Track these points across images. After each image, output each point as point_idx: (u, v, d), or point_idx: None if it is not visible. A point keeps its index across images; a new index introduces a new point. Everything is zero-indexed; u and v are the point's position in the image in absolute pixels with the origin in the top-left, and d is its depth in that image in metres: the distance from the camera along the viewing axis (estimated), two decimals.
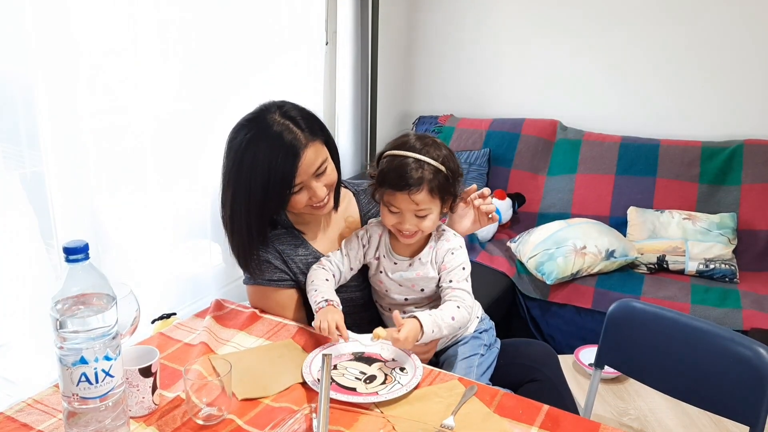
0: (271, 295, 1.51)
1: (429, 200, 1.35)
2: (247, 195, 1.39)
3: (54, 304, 0.94)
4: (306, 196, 1.41)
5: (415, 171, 1.33)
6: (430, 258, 1.44)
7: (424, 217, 1.37)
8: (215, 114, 2.34)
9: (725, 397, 1.40)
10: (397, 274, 1.45)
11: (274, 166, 1.35)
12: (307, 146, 1.36)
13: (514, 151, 3.19)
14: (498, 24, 3.37)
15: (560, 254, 2.54)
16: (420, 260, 1.44)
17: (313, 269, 1.47)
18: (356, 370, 1.25)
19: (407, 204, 1.34)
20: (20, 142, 1.79)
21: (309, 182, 1.39)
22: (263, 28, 2.53)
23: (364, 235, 1.50)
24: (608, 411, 1.87)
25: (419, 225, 1.37)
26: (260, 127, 1.38)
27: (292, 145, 1.35)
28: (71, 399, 0.97)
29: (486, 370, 1.48)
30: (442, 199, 1.38)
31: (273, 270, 1.49)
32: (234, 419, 1.10)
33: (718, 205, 2.81)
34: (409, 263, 1.45)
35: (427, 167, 1.34)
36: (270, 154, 1.35)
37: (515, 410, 1.14)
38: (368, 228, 1.52)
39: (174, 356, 1.30)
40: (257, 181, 1.37)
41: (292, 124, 1.37)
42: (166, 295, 2.30)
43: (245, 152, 1.38)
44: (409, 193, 1.33)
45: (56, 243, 1.84)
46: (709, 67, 2.97)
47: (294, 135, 1.36)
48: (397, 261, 1.46)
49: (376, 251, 1.48)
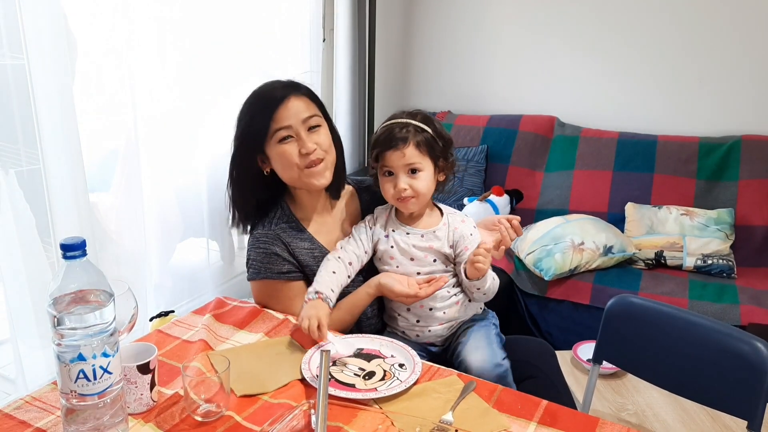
0: (280, 289, 1.50)
1: (417, 155, 1.45)
2: (241, 140, 1.48)
3: (51, 301, 0.94)
4: (296, 148, 1.44)
5: (400, 130, 1.46)
6: (445, 234, 1.51)
7: (417, 175, 1.46)
8: (212, 111, 2.34)
9: (723, 392, 1.41)
10: (410, 244, 1.50)
11: (261, 102, 1.46)
12: (296, 92, 1.46)
13: (511, 147, 3.19)
14: (495, 20, 3.36)
15: (558, 250, 2.54)
16: (434, 233, 1.51)
17: (326, 259, 1.50)
18: (355, 367, 1.25)
19: (397, 160, 1.45)
20: (17, 140, 1.79)
21: (298, 131, 1.44)
22: (260, 26, 2.52)
23: (370, 219, 1.57)
24: (606, 406, 1.87)
25: (413, 185, 1.46)
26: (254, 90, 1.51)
27: (281, 86, 1.47)
28: (69, 396, 0.97)
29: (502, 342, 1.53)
30: (432, 157, 1.47)
31: (282, 262, 1.49)
32: (233, 416, 1.10)
33: (716, 200, 2.81)
34: (422, 234, 1.51)
35: (411, 127, 1.47)
36: (261, 94, 1.48)
37: (514, 405, 1.14)
38: (375, 211, 1.59)
39: (172, 353, 1.30)
40: (248, 119, 1.47)
41: (288, 84, 1.49)
42: (164, 292, 2.30)
43: (243, 108, 1.49)
44: (397, 148, 1.45)
45: (53, 240, 1.83)
46: (707, 62, 2.97)
47: (285, 83, 1.49)
48: (409, 231, 1.52)
49: (385, 227, 1.54)
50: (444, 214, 1.56)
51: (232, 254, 2.68)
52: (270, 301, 1.51)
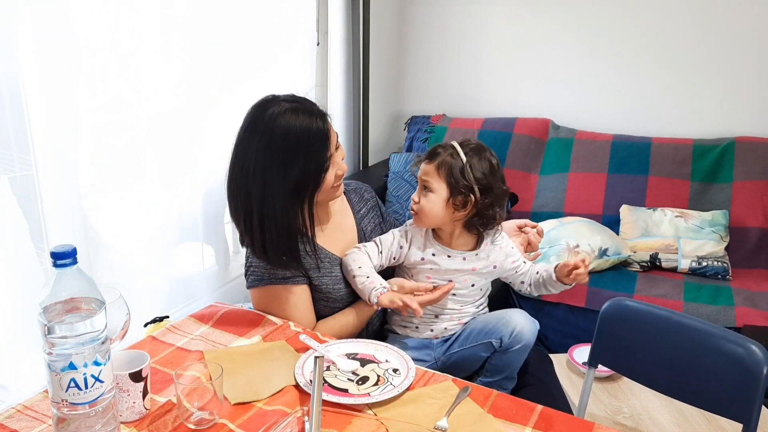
0: (283, 295, 1.47)
1: (433, 174, 1.45)
2: (283, 171, 1.33)
3: (42, 309, 0.93)
4: (333, 171, 1.41)
5: (439, 147, 1.47)
6: (487, 254, 1.52)
7: (427, 194, 1.46)
8: (206, 117, 2.33)
9: (718, 395, 1.41)
10: (451, 269, 1.50)
11: (312, 129, 1.34)
12: (325, 118, 1.40)
13: (506, 150, 3.19)
14: (490, 23, 3.37)
15: (553, 253, 2.54)
16: (476, 255, 1.51)
17: (357, 252, 1.50)
18: (348, 371, 1.24)
19: (420, 172, 1.47)
20: (9, 146, 1.78)
21: (334, 155, 1.41)
22: (254, 30, 2.51)
23: (403, 237, 1.54)
24: (602, 410, 1.87)
25: (421, 201, 1.46)
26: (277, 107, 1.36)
27: (318, 110, 1.38)
28: (60, 405, 0.96)
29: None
30: (449, 184, 1.44)
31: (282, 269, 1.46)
32: (226, 423, 1.09)
33: (710, 202, 2.81)
34: (464, 257, 1.51)
35: (452, 151, 1.45)
36: (304, 120, 1.34)
37: (509, 411, 1.14)
38: (408, 229, 1.56)
39: (166, 360, 1.29)
40: (294, 149, 1.33)
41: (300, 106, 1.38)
42: (158, 297, 2.29)
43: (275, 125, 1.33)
44: (423, 161, 1.47)
45: (46, 247, 1.82)
46: (701, 64, 2.98)
47: (314, 105, 1.40)
48: (451, 254, 1.51)
49: (423, 248, 1.52)
50: (485, 235, 1.54)
51: (227, 259, 2.67)
52: (272, 308, 1.48)
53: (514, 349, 1.45)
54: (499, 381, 1.48)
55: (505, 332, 1.44)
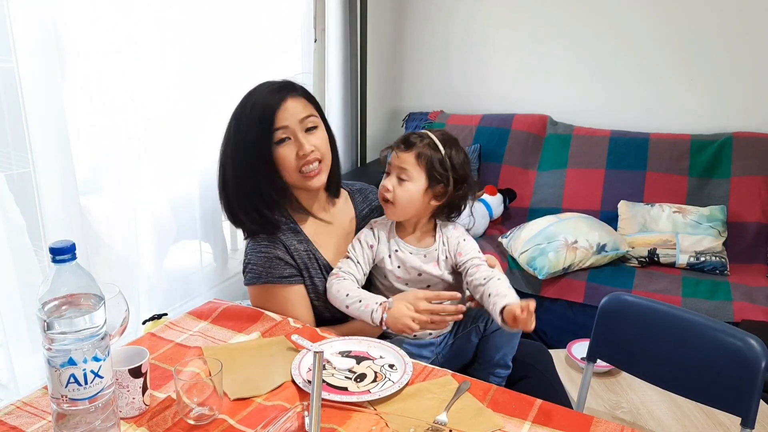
0: (280, 294, 1.47)
1: (414, 164, 1.44)
2: (236, 144, 1.43)
3: (41, 305, 0.93)
4: (293, 150, 1.42)
5: (414, 137, 1.46)
6: (441, 247, 1.50)
7: (403, 183, 1.44)
8: (204, 114, 2.33)
9: (717, 389, 1.41)
10: (415, 264, 1.48)
11: (258, 110, 1.40)
12: (293, 93, 1.42)
13: (504, 146, 3.19)
14: (487, 19, 3.36)
15: (551, 249, 2.54)
16: (435, 253, 1.49)
17: (336, 281, 1.47)
18: (345, 369, 1.24)
19: (394, 160, 1.46)
20: (7, 143, 1.78)
21: (295, 131, 1.42)
22: (251, 27, 2.51)
23: (369, 235, 1.53)
24: (601, 404, 1.88)
25: (395, 188, 1.44)
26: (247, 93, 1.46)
27: (277, 89, 1.42)
28: (60, 401, 0.96)
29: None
30: (429, 175, 1.44)
31: (283, 266, 1.47)
32: (226, 419, 1.09)
33: (708, 197, 2.82)
34: (424, 254, 1.49)
35: (427, 139, 1.45)
36: (257, 100, 1.42)
37: (508, 405, 1.14)
38: (374, 227, 1.54)
39: (165, 356, 1.29)
40: (245, 121, 1.41)
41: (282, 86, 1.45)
42: (156, 294, 2.29)
43: (237, 111, 1.44)
44: (399, 149, 1.45)
45: (44, 244, 1.82)
46: (698, 60, 2.98)
47: (280, 84, 1.45)
48: (411, 251, 1.50)
49: (388, 245, 1.51)
50: (437, 227, 1.53)
51: (225, 256, 2.68)
52: (269, 306, 1.49)
53: (497, 331, 1.45)
54: (492, 369, 1.48)
55: (488, 316, 1.44)
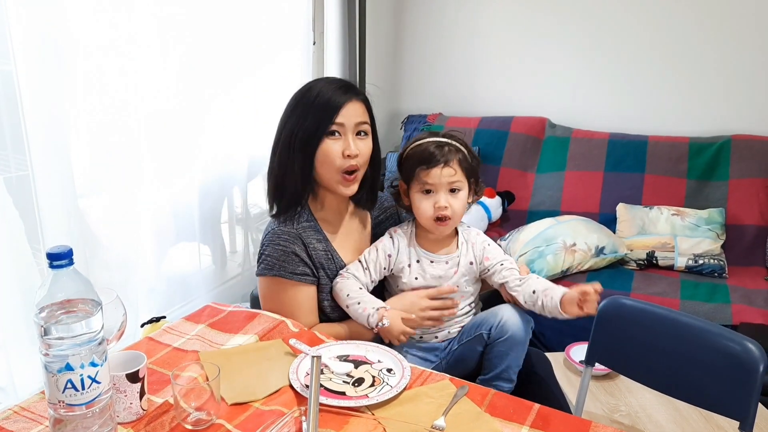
0: (289, 290, 1.47)
1: (460, 173, 1.45)
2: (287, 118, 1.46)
3: (38, 310, 0.93)
4: (340, 147, 1.43)
5: (441, 148, 1.45)
6: (467, 252, 1.51)
7: (456, 195, 1.45)
8: (203, 117, 2.33)
9: (715, 393, 1.41)
10: (436, 276, 1.49)
11: (321, 102, 1.43)
12: (356, 96, 1.46)
13: (503, 149, 3.20)
14: (486, 22, 3.37)
15: (550, 252, 2.54)
16: (458, 258, 1.50)
17: (341, 280, 1.49)
18: (343, 374, 1.24)
19: (441, 177, 1.43)
20: (5, 146, 1.78)
21: (347, 132, 1.44)
22: (251, 29, 2.51)
23: (388, 244, 1.52)
24: (599, 408, 1.87)
25: (452, 204, 1.44)
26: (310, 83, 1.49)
27: (344, 87, 1.46)
28: (57, 406, 0.96)
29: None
30: (468, 178, 1.47)
31: (298, 263, 1.46)
32: (223, 424, 1.09)
33: (707, 200, 2.82)
34: (446, 261, 1.50)
35: (450, 145, 1.46)
36: (321, 89, 1.45)
37: (506, 410, 1.14)
38: (393, 235, 1.54)
39: (163, 361, 1.29)
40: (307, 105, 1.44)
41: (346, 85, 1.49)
42: (155, 297, 2.29)
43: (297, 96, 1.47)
44: (444, 165, 1.43)
45: (43, 247, 1.82)
46: (697, 62, 2.98)
47: (346, 84, 1.48)
48: (433, 260, 1.50)
49: (408, 257, 1.50)
50: (458, 231, 1.54)
51: (224, 258, 2.67)
52: (276, 299, 1.48)
53: (501, 339, 1.44)
54: (494, 380, 1.47)
55: (493, 323, 1.45)
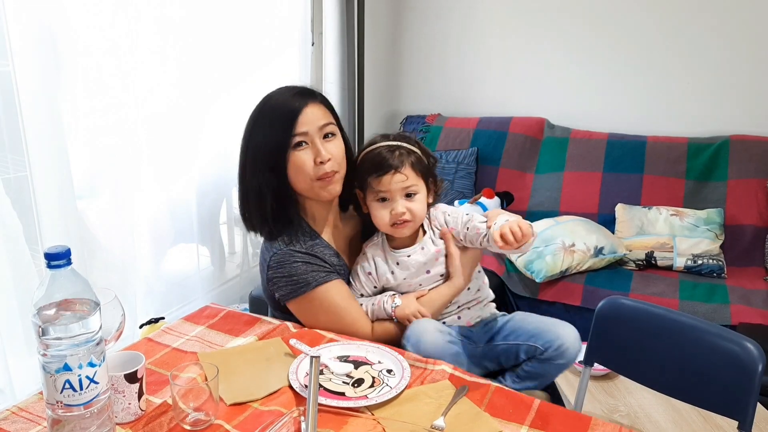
0: (333, 291, 1.42)
1: (414, 176, 1.42)
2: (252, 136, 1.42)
3: (36, 311, 0.93)
4: (311, 155, 1.40)
5: (392, 153, 1.42)
6: (430, 232, 1.49)
7: (412, 198, 1.42)
8: (201, 118, 2.33)
9: (714, 393, 1.41)
10: (418, 263, 1.47)
11: (278, 113, 1.39)
12: (312, 99, 1.42)
13: (501, 149, 3.20)
14: (484, 23, 3.37)
15: (549, 252, 2.54)
16: (429, 239, 1.48)
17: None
18: (342, 374, 1.23)
19: (394, 184, 1.40)
20: (4, 147, 1.78)
21: (313, 137, 1.40)
22: (250, 30, 2.51)
23: (365, 265, 1.50)
24: (598, 408, 1.87)
25: (411, 208, 1.41)
26: (265, 97, 1.45)
27: (293, 101, 1.40)
28: (55, 407, 0.96)
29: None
30: (425, 179, 1.44)
31: (323, 263, 1.43)
32: (222, 424, 1.08)
33: (705, 200, 2.82)
34: (422, 247, 1.48)
35: (403, 150, 1.43)
36: (277, 104, 1.42)
37: (506, 409, 1.14)
38: (367, 251, 1.51)
39: (161, 361, 1.29)
40: (263, 122, 1.41)
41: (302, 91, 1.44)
42: (154, 298, 2.29)
43: (251, 120, 1.44)
44: (395, 171, 1.40)
45: (41, 248, 1.82)
46: (695, 63, 2.99)
47: (300, 90, 1.43)
48: (410, 254, 1.47)
49: (387, 263, 1.48)
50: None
51: (223, 259, 2.67)
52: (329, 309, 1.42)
53: (555, 362, 1.43)
54: (526, 389, 1.44)
55: (553, 343, 1.43)
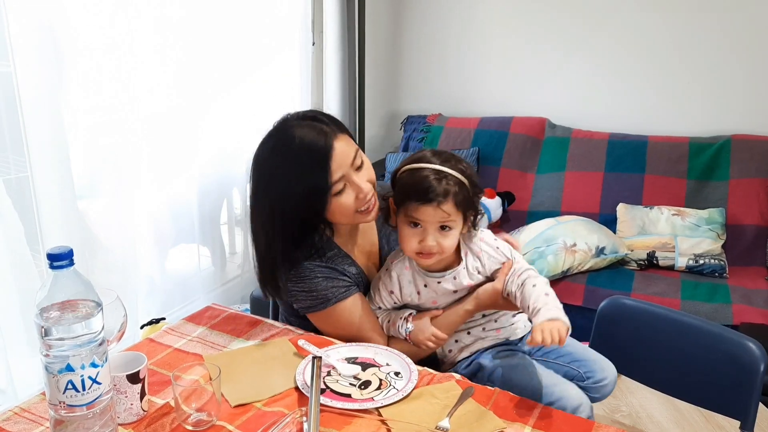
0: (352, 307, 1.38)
1: (455, 212, 1.28)
2: (282, 206, 1.31)
3: (39, 311, 0.93)
4: (352, 194, 1.31)
5: (439, 182, 1.26)
6: (469, 262, 1.38)
7: (447, 232, 1.29)
8: (202, 118, 2.33)
9: (715, 392, 1.41)
10: (448, 291, 1.38)
11: (306, 167, 1.27)
12: (335, 137, 1.29)
13: (502, 149, 3.20)
14: (485, 22, 3.37)
15: (550, 252, 2.54)
16: (465, 269, 1.38)
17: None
18: (350, 376, 1.23)
19: (433, 216, 1.27)
20: (5, 148, 1.78)
21: (350, 176, 1.30)
22: (250, 30, 2.51)
23: (387, 282, 1.41)
24: (600, 408, 1.87)
25: (441, 242, 1.29)
26: (282, 135, 1.30)
27: (319, 139, 1.27)
28: (58, 407, 0.96)
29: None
30: (464, 214, 1.31)
31: (342, 277, 1.38)
32: (224, 425, 1.08)
33: (707, 200, 2.82)
34: (454, 276, 1.37)
35: (450, 178, 1.27)
36: (299, 156, 1.27)
37: (509, 410, 1.14)
38: (391, 269, 1.41)
39: (163, 362, 1.29)
40: (292, 189, 1.29)
41: (314, 121, 1.31)
42: (155, 299, 2.29)
43: (272, 163, 1.30)
44: (437, 205, 1.26)
45: (42, 249, 1.82)
46: (696, 62, 2.98)
47: (319, 129, 1.29)
48: (440, 280, 1.38)
49: (415, 284, 1.39)
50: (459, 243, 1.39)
51: (224, 259, 2.67)
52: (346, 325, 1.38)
53: (591, 395, 1.41)
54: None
55: (596, 375, 1.42)
